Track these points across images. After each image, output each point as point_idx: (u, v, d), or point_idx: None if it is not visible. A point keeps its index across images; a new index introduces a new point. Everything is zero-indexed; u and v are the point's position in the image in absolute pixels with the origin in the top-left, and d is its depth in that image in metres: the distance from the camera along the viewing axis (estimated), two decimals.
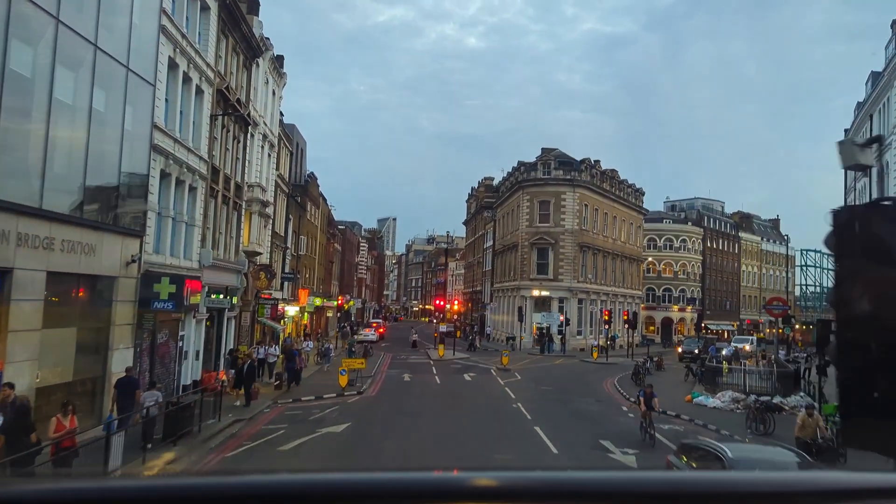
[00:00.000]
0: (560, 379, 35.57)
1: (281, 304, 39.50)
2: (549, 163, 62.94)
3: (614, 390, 31.62)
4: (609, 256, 67.85)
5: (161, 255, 20.11)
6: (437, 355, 46.30)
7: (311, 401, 25.19)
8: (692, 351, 52.53)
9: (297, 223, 48.22)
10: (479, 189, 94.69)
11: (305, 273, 53.19)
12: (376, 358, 44.85)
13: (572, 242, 61.30)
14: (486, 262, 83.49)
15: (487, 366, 41.32)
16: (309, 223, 53.78)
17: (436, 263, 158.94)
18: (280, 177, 39.28)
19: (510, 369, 38.03)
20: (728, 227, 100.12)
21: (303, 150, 56.31)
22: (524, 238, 62.84)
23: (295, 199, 46.98)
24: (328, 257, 69.20)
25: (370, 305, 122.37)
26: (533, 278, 61.83)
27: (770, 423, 19.54)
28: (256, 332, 35.00)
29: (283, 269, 41.69)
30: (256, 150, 32.08)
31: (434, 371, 37.74)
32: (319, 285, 62.09)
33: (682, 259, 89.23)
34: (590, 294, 63.48)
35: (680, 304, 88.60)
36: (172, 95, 20.61)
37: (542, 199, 62.34)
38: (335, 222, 76.97)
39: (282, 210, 40.90)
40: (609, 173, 68.91)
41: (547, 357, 51.22)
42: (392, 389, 29.31)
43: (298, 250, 48.69)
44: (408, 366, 40.76)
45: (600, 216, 66.47)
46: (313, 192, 54.92)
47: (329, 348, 35.67)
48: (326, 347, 35.73)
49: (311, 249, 55.30)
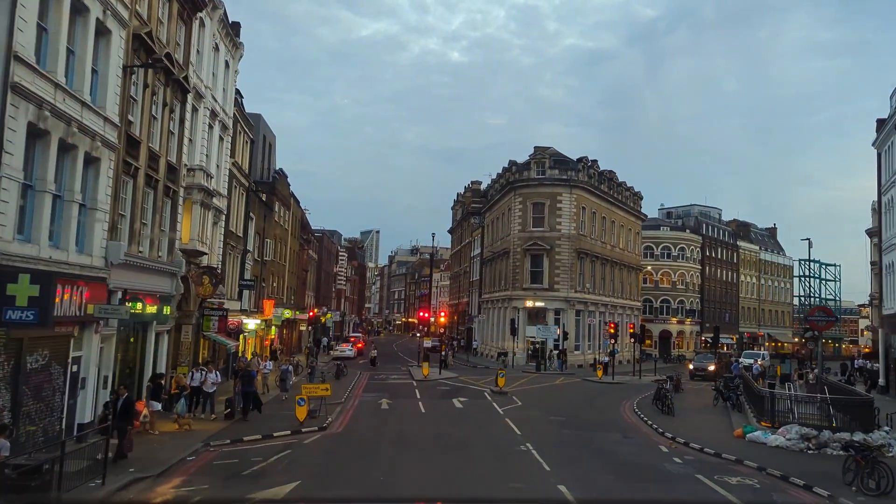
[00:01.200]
0: (568, 404, 29.94)
1: (236, 315, 33.55)
2: (544, 162, 57.64)
3: (637, 419, 26.00)
4: (608, 264, 62.55)
5: (31, 243, 14.26)
6: (420, 374, 40.50)
7: (255, 441, 19.31)
8: (705, 368, 47.59)
9: (262, 224, 42.37)
10: (465, 194, 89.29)
11: (272, 281, 47.26)
12: (351, 377, 39.00)
13: (569, 248, 55.91)
14: (473, 271, 77.93)
15: (480, 387, 35.60)
16: (277, 226, 47.92)
17: (419, 275, 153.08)
18: (237, 167, 33.50)
19: (507, 392, 32.33)
20: (726, 236, 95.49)
21: (271, 144, 50.52)
22: (516, 244, 57.37)
23: (258, 195, 41.14)
24: (302, 265, 63.26)
25: (350, 318, 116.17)
26: (526, 288, 56.31)
27: (888, 477, 14.01)
28: (202, 350, 29.03)
29: (241, 275, 35.80)
30: (202, 127, 26.31)
31: (417, 395, 31.97)
32: (291, 296, 56.12)
33: (681, 268, 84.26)
34: (587, 305, 58.04)
35: (679, 316, 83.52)
36: (54, 24, 14.86)
37: (536, 201, 56.96)
38: (310, 228, 71.06)
39: (239, 206, 35.07)
40: (607, 174, 63.76)
41: (544, 375, 45.58)
42: (364, 423, 23.50)
43: (263, 255, 42.79)
44: (387, 388, 34.96)
45: (598, 220, 61.20)
46: (282, 191, 49.11)
47: (287, 370, 29.53)
48: (284, 370, 29.60)
49: (279, 255, 49.39)
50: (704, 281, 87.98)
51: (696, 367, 48.97)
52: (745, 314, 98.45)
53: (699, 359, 52.26)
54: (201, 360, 29.16)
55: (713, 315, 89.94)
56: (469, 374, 44.07)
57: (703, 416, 27.23)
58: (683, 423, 24.38)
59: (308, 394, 22.39)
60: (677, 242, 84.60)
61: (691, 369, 48.69)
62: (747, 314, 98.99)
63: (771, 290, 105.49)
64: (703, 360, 51.06)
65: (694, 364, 50.22)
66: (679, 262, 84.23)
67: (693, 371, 48.33)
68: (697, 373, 47.39)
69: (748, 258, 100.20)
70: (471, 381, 38.97)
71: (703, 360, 50.49)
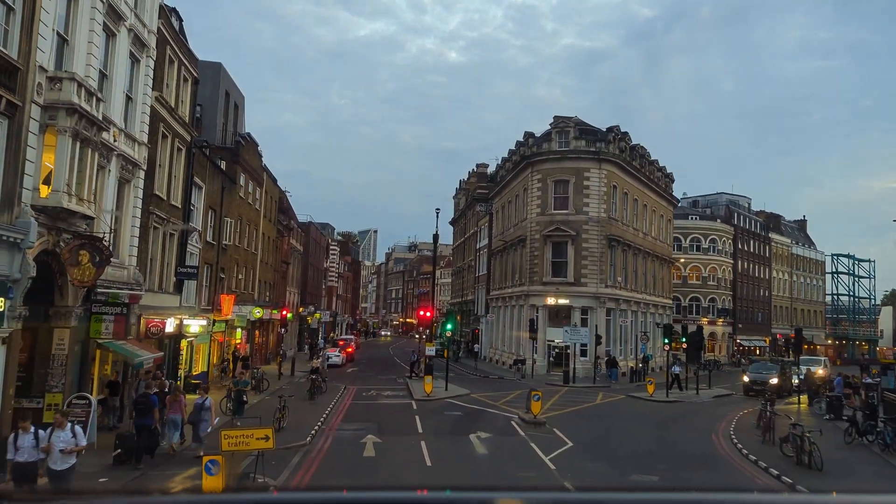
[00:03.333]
0: (638, 443, 20.68)
1: (171, 314, 24.23)
2: (568, 131, 48.34)
3: (770, 478, 16.59)
4: (640, 255, 53.30)
5: None
6: (421, 390, 31.16)
7: None
8: (765, 381, 36.36)
9: (219, 198, 33.07)
10: (469, 180, 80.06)
11: (236, 272, 37.93)
12: (331, 395, 29.79)
13: (599, 234, 46.65)
14: (479, 265, 68.68)
15: (502, 411, 26.35)
16: (243, 203, 38.59)
17: (418, 272, 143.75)
18: (168, 108, 24.18)
19: (543, 422, 23.01)
20: (758, 227, 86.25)
21: (237, 105, 41.21)
22: (534, 230, 48.11)
23: (211, 159, 31.84)
24: (282, 256, 53.94)
25: (343, 319, 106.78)
26: (547, 282, 47.05)
27: None
28: (104, 367, 19.74)
29: (180, 259, 26.48)
30: (87, 23, 17.00)
31: (418, 426, 22.73)
32: (265, 291, 46.81)
33: (712, 262, 75.09)
34: (619, 303, 48.75)
35: (710, 315, 74.29)
36: None
37: (558, 179, 47.68)
38: (293, 213, 61.72)
39: (176, 166, 25.76)
40: (639, 149, 54.49)
41: (577, 391, 36.28)
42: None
43: (220, 237, 33.49)
44: (376, 413, 25.71)
45: (630, 203, 51.94)
46: (250, 161, 39.73)
47: (202, 405, 20.06)
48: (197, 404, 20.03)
49: (247, 240, 40.06)
50: (737, 276, 78.84)
51: (752, 379, 38.06)
52: (778, 314, 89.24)
53: (756, 368, 40.85)
54: (109, 380, 19.92)
55: (746, 315, 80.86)
56: (482, 389, 34.78)
57: (864, 468, 17.92)
58: (845, 487, 15.15)
59: (232, 447, 13.05)
60: (708, 233, 75.42)
61: (746, 382, 38.14)
62: (780, 314, 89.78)
63: (803, 288, 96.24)
64: (761, 370, 40.05)
65: (750, 375, 38.89)
66: (710, 256, 75.07)
67: (749, 385, 37.60)
68: (755, 387, 36.52)
69: (780, 252, 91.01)
70: (487, 401, 29.70)
71: (761, 371, 39.57)
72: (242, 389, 20.51)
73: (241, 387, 21.02)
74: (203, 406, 16.77)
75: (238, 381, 22.13)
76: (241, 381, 22.00)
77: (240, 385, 21.18)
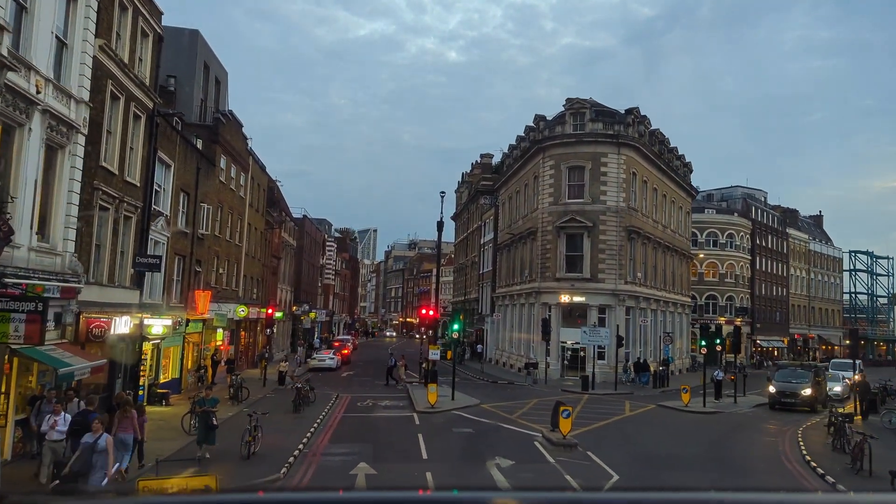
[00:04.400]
0: (700, 471, 16.57)
1: (119, 313, 20.12)
2: (583, 113, 44.23)
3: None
4: (659, 249, 49.21)
5: None
6: (425, 400, 27.01)
7: None
8: (795, 392, 29.71)
9: (193, 180, 28.96)
10: (472, 172, 75.93)
11: (216, 266, 33.82)
12: (320, 406, 25.76)
13: (617, 226, 42.55)
14: (483, 261, 64.58)
15: (521, 427, 22.27)
16: (224, 189, 34.48)
17: (418, 270, 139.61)
18: (122, 67, 20.06)
19: (575, 444, 18.88)
20: (775, 222, 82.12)
21: (219, 80, 37.11)
22: (546, 220, 44.03)
23: (182, 134, 27.74)
24: (272, 250, 49.86)
25: (340, 318, 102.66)
26: (560, 278, 42.97)
27: None
28: (9, 381, 15.60)
29: (141, 247, 22.39)
30: None
31: (422, 449, 18.60)
32: (252, 288, 42.73)
33: (730, 258, 71.01)
34: (639, 301, 44.65)
35: (727, 314, 70.09)
36: None
37: (573, 164, 43.57)
38: (285, 204, 57.65)
39: (133, 137, 21.66)
40: (658, 135, 50.40)
41: (598, 399, 32.20)
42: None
43: (195, 225, 29.38)
44: (372, 430, 21.67)
45: (649, 192, 47.85)
46: (233, 142, 35.59)
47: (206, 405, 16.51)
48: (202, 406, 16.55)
49: (229, 231, 35.97)
50: (755, 273, 74.77)
51: (780, 389, 30.48)
52: (795, 313, 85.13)
53: (784, 376, 31.78)
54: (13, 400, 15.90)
55: (764, 314, 76.77)
56: (492, 398, 30.66)
57: None
58: None
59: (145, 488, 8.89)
60: (725, 228, 71.34)
61: (773, 393, 30.70)
62: (797, 313, 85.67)
63: (821, 286, 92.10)
64: (790, 377, 31.25)
65: (777, 385, 30.85)
66: (727, 251, 71.01)
67: (776, 396, 30.41)
68: (783, 399, 29.99)
69: (797, 249, 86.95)
70: (501, 413, 25.61)
71: (790, 379, 30.98)
72: (209, 411, 16.31)
73: (208, 407, 16.81)
74: (95, 448, 11.53)
75: (203, 399, 17.27)
76: (206, 401, 17.03)
77: (206, 405, 16.98)
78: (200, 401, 16.89)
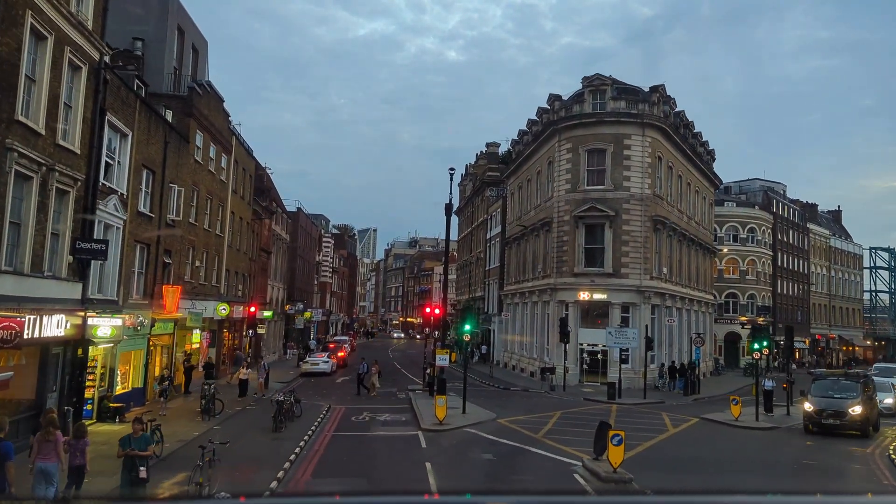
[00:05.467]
0: None
1: (21, 311, 15.86)
2: (604, 90, 40.01)
3: None
4: (685, 242, 44.99)
5: None
6: (432, 416, 22.74)
7: None
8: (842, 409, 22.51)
9: (161, 157, 24.73)
10: (477, 163, 71.65)
11: (192, 257, 29.57)
12: (308, 421, 21.59)
13: (642, 215, 38.35)
14: (490, 256, 60.39)
15: (552, 451, 17.98)
16: (201, 170, 30.22)
17: (419, 269, 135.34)
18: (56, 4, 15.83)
19: (629, 479, 14.62)
20: (796, 216, 77.92)
21: (196, 49, 32.85)
22: (563, 210, 39.82)
23: (142, 98, 23.52)
24: (261, 243, 45.63)
25: (338, 318, 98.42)
26: (579, 273, 38.74)
27: None
28: None
29: (82, 231, 18.16)
30: None
31: (431, 487, 14.38)
32: (236, 284, 38.51)
33: (751, 254, 66.80)
34: (665, 299, 40.41)
35: (749, 313, 65.86)
36: None
37: (592, 147, 39.35)
38: (276, 194, 53.42)
39: (74, 93, 17.46)
40: (683, 118, 46.17)
41: (631, 411, 27.99)
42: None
43: (163, 209, 25.16)
44: (368, 455, 17.45)
45: (674, 179, 43.62)
46: (211, 118, 31.29)
47: (133, 447, 11.92)
48: (127, 448, 11.91)
49: (208, 219, 31.72)
50: (776, 270, 70.56)
51: (821, 407, 23.06)
52: (817, 312, 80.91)
53: (823, 389, 24.18)
54: None
55: (786, 313, 72.51)
56: (509, 409, 26.36)
57: None
58: None
59: None
60: (746, 222, 67.11)
61: (810, 412, 23.30)
62: (818, 312, 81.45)
63: (841, 284, 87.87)
64: (831, 391, 23.92)
65: (816, 401, 23.43)
66: (749, 247, 66.79)
67: (815, 415, 23.09)
68: (825, 420, 22.83)
69: (818, 245, 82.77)
70: (523, 430, 21.35)
71: (832, 393, 23.74)
72: (138, 455, 11.72)
73: (135, 450, 11.77)
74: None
75: (128, 438, 11.99)
76: (134, 441, 11.89)
77: (131, 446, 11.80)
78: (125, 440, 12.21)
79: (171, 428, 19.98)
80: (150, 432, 12.99)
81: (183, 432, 19.69)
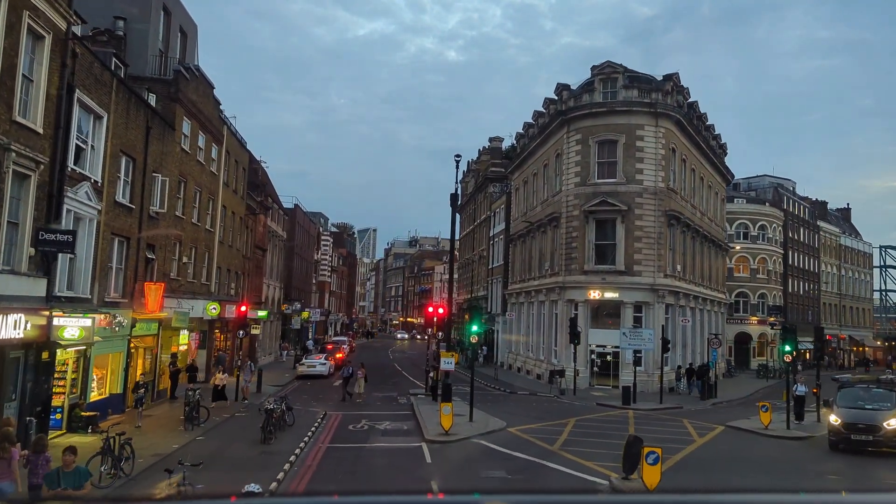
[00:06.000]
0: None
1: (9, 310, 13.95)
2: (615, 79, 38.13)
3: None
4: (698, 238, 43.09)
5: None
6: (436, 425, 20.82)
7: None
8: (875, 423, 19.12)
9: (142, 144, 22.83)
10: (480, 159, 69.72)
11: (177, 253, 27.65)
12: (301, 429, 19.74)
13: (655, 209, 36.46)
14: (493, 254, 58.48)
15: (574, 468, 16.11)
16: (188, 160, 28.30)
17: (419, 268, 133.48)
18: None
19: None
20: (806, 213, 76.03)
21: (185, 32, 30.92)
22: (572, 204, 37.93)
23: (123, 81, 21.61)
24: (256, 239, 43.73)
25: (337, 318, 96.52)
26: (589, 270, 36.86)
27: None
28: None
29: (47, 218, 16.25)
30: None
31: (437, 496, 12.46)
32: (229, 282, 36.61)
33: (761, 252, 64.86)
34: (679, 298, 38.51)
35: (759, 313, 64.04)
36: None
37: (603, 138, 37.45)
38: (272, 189, 51.51)
39: (35, 67, 15.56)
40: (697, 109, 44.26)
41: (649, 418, 26.09)
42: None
43: (145, 200, 23.24)
44: (366, 473, 15.52)
45: (687, 172, 41.71)
46: (199, 105, 29.37)
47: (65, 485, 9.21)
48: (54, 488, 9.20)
49: (197, 212, 29.80)
50: (787, 269, 68.65)
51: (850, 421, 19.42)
52: (826, 312, 79.01)
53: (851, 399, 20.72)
54: None
55: (796, 313, 70.60)
56: (518, 416, 24.44)
57: None
58: None
59: None
60: (756, 219, 65.17)
61: (837, 426, 19.66)
62: (828, 312, 79.54)
63: (851, 283, 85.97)
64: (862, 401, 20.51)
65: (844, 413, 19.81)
66: (759, 244, 64.85)
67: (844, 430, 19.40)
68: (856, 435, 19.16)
69: (828, 243, 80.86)
70: (538, 441, 19.43)
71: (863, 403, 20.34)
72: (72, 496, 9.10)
73: (70, 488, 9.27)
74: None
75: (59, 473, 9.55)
76: (65, 476, 9.49)
77: (64, 485, 9.37)
78: (51, 476, 9.42)
79: (149, 439, 18.11)
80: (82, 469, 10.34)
81: (162, 444, 17.79)
